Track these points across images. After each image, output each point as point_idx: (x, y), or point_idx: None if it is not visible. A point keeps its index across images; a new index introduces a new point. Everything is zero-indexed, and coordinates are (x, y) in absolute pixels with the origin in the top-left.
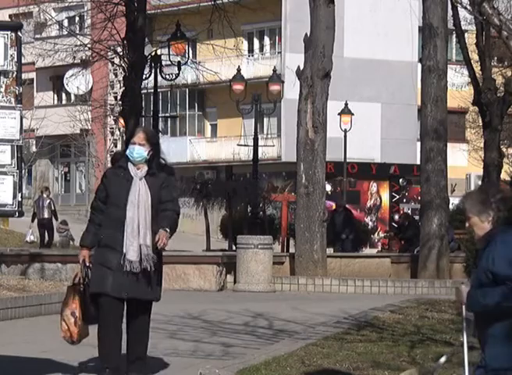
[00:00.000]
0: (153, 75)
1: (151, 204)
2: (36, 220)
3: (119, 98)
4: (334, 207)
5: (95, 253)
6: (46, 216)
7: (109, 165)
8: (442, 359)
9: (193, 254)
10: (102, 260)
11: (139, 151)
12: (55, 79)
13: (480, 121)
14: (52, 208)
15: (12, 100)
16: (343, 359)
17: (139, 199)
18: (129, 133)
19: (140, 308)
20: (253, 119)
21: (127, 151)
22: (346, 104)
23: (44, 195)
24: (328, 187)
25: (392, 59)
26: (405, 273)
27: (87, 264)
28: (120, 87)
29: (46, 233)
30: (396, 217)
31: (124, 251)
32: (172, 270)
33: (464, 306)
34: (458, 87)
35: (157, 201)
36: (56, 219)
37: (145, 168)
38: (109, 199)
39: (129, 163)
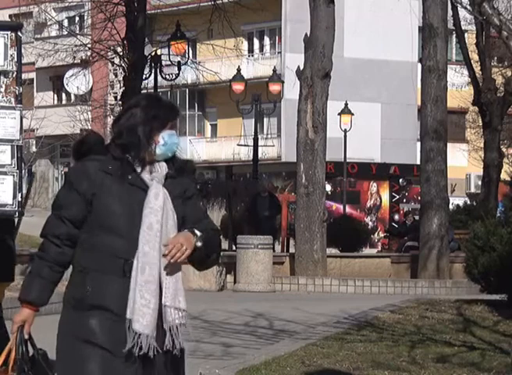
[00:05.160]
0: (153, 75)
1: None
2: None
3: (119, 98)
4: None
5: (67, 319)
6: None
7: None
8: None
9: None
10: (84, 332)
11: (176, 139)
12: (55, 79)
13: (480, 121)
14: None
15: (12, 100)
16: (343, 359)
17: (163, 221)
18: (143, 103)
19: None
20: (253, 119)
21: (164, 142)
22: (346, 104)
23: None
24: (328, 187)
25: (392, 59)
26: (405, 273)
27: (26, 336)
28: (120, 87)
29: None
30: (396, 217)
31: (128, 315)
32: None
33: None
34: (458, 87)
35: (180, 223)
36: None
37: (163, 165)
38: (97, 220)
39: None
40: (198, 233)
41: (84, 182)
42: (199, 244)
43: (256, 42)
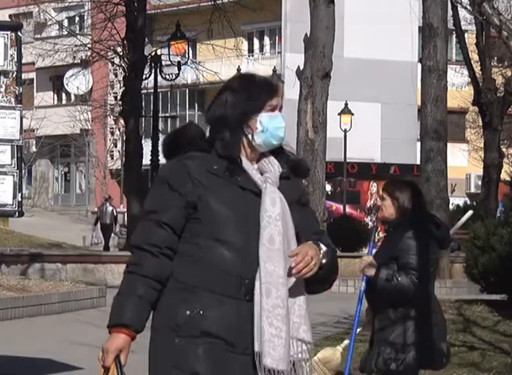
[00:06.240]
0: (153, 75)
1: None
2: (99, 225)
3: (119, 98)
4: None
5: (166, 347)
6: (108, 221)
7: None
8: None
9: None
10: (192, 364)
11: (280, 123)
12: (55, 79)
13: (480, 121)
14: (115, 214)
15: (12, 100)
16: (343, 359)
17: (287, 233)
18: (244, 84)
19: None
20: None
21: (263, 127)
22: (346, 104)
23: (107, 203)
24: (328, 187)
25: (392, 59)
26: None
27: (121, 371)
28: (120, 87)
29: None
30: None
31: (257, 348)
32: None
33: None
34: (458, 87)
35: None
36: (115, 224)
37: (275, 163)
38: (205, 229)
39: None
40: (324, 247)
41: (187, 183)
42: (324, 260)
43: (256, 42)
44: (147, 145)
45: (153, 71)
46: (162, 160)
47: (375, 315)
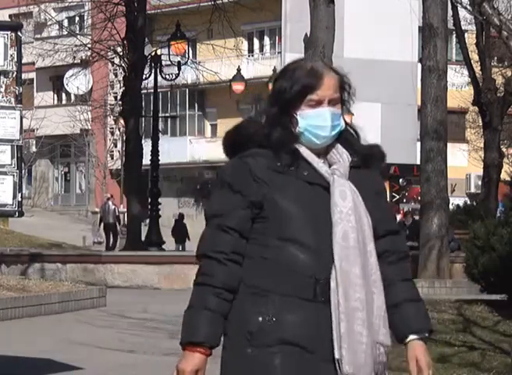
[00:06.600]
0: (153, 75)
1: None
2: (102, 224)
3: (119, 98)
4: None
5: (239, 358)
6: (111, 220)
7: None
8: None
9: (193, 254)
10: None
11: (337, 120)
12: (55, 79)
13: (480, 121)
14: (117, 213)
15: (12, 100)
16: None
17: (361, 228)
18: (289, 76)
19: None
20: None
21: (299, 127)
22: None
23: (110, 202)
24: None
25: (392, 59)
26: None
27: None
28: (120, 87)
29: (111, 236)
30: (398, 217)
31: (337, 355)
32: (172, 270)
33: None
34: (458, 87)
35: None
36: (119, 223)
37: (343, 152)
38: (273, 228)
39: (302, 148)
40: (427, 334)
41: (249, 183)
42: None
43: (256, 42)
44: (147, 145)
45: (153, 71)
46: (162, 160)
47: None
